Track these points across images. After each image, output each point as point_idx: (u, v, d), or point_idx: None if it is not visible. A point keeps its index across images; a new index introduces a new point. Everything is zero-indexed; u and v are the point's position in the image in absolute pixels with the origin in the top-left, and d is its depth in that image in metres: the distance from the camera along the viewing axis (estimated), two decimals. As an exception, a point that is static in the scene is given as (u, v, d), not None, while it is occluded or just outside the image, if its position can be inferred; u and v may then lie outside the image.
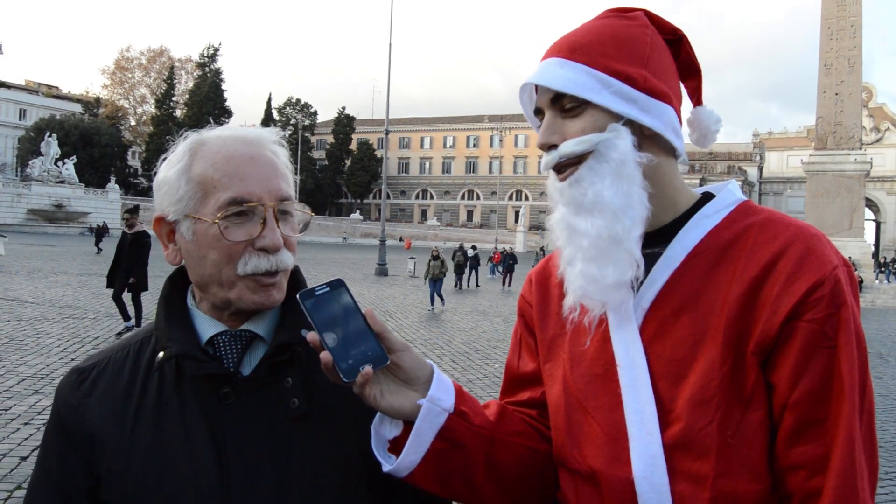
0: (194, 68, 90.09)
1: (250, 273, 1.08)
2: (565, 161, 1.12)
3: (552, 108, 1.14)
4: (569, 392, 1.18)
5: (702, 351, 1.04)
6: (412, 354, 1.11)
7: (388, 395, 1.08)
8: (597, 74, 1.10)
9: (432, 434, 1.10)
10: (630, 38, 1.13)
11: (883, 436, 7.66)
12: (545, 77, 1.12)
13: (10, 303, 13.60)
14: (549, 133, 1.13)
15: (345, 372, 1.02)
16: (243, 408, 1.09)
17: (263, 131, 1.19)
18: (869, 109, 72.16)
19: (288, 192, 1.12)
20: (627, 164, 1.08)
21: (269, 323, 1.16)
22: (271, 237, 1.08)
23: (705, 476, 1.01)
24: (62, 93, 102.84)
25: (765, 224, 1.08)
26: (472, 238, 71.63)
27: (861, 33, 29.73)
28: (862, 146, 31.27)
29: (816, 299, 0.99)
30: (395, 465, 1.10)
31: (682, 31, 1.19)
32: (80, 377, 1.15)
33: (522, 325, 1.36)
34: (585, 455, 1.13)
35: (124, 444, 1.08)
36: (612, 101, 1.09)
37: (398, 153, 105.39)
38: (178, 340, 1.10)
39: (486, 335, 13.73)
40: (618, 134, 1.09)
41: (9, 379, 7.77)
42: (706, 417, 1.02)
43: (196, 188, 1.10)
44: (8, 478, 4.98)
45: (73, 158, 61.45)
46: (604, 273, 1.09)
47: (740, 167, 79.44)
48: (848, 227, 29.45)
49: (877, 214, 76.91)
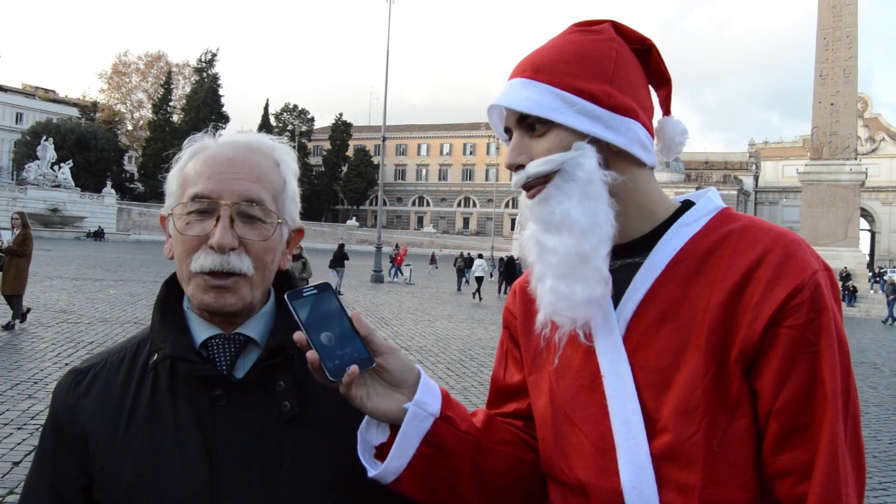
0: (192, 73, 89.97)
1: (198, 270, 1.09)
2: (532, 181, 1.14)
3: (519, 128, 1.15)
4: (555, 404, 1.18)
5: (685, 360, 1.04)
6: (398, 357, 1.11)
7: (375, 398, 1.08)
8: (560, 94, 1.10)
9: (418, 439, 1.10)
10: (594, 54, 1.13)
11: (877, 445, 7.67)
12: (509, 99, 1.14)
13: (4, 307, 13.56)
14: (515, 154, 1.15)
15: (331, 371, 1.03)
16: (235, 410, 1.10)
17: (260, 137, 1.20)
18: (864, 120, 72.52)
19: (255, 195, 1.12)
20: (594, 182, 1.09)
21: (262, 327, 1.17)
22: (219, 235, 1.08)
23: (693, 486, 1.01)
24: (59, 97, 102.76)
25: (744, 231, 1.09)
26: (469, 245, 71.69)
27: (856, 44, 29.91)
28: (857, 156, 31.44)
29: (797, 305, 0.99)
30: (381, 470, 1.10)
31: (650, 40, 1.19)
32: (77, 378, 1.17)
33: (507, 337, 1.36)
34: (573, 466, 1.13)
35: (117, 445, 1.09)
36: (576, 119, 1.10)
37: (395, 160, 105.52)
38: (172, 342, 1.12)
39: (482, 342, 13.72)
40: (583, 153, 1.09)
41: (2, 383, 7.73)
42: (692, 427, 1.02)
43: (179, 186, 1.15)
44: (1, 483, 4.96)
45: (70, 162, 61.33)
46: (573, 290, 1.09)
47: (736, 176, 79.64)
48: (843, 237, 29.56)
49: (872, 224, 77.20)
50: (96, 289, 18.58)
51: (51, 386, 7.72)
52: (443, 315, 18.54)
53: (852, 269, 28.67)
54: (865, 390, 10.98)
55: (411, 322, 16.64)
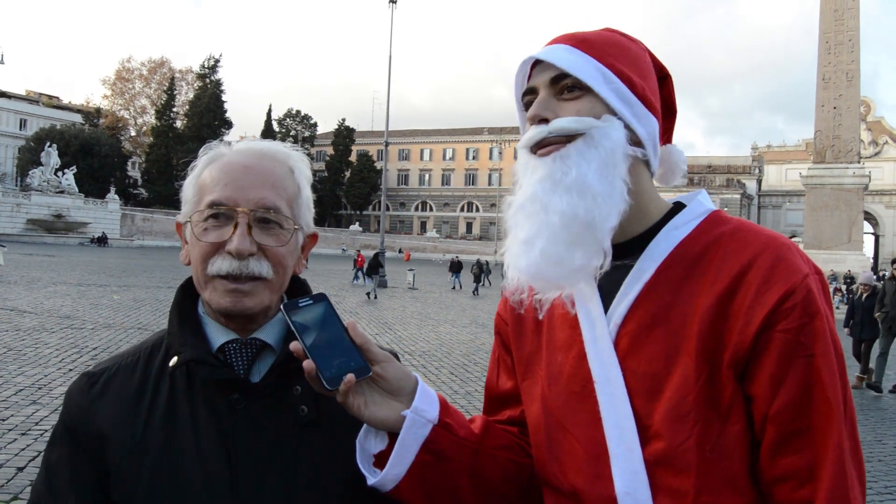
0: (195, 79, 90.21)
1: (215, 274, 1.11)
2: (552, 138, 1.11)
3: (550, 88, 1.13)
4: (548, 410, 1.17)
5: (676, 365, 1.04)
6: (395, 366, 1.12)
7: (373, 406, 1.08)
8: (601, 68, 1.11)
9: (416, 446, 1.10)
10: (634, 51, 1.16)
11: (882, 449, 7.64)
12: (553, 56, 1.13)
13: (9, 313, 13.58)
14: (542, 108, 1.13)
15: (328, 380, 1.04)
16: (253, 414, 1.12)
17: (275, 145, 1.22)
18: (867, 123, 72.46)
19: (272, 202, 1.13)
20: (617, 154, 1.08)
21: (277, 332, 1.19)
22: (237, 242, 1.09)
23: (687, 492, 1.01)
24: (63, 103, 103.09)
25: (734, 234, 1.08)
26: (472, 250, 71.65)
27: (859, 48, 29.88)
28: (860, 160, 31.40)
29: (788, 308, 0.99)
30: (380, 477, 1.09)
31: (668, 70, 1.22)
32: (91, 381, 1.17)
33: (500, 344, 1.36)
34: (567, 473, 1.13)
35: (135, 448, 1.10)
36: (611, 95, 1.11)
37: (398, 165, 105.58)
38: (191, 346, 1.13)
39: (486, 347, 13.69)
40: (612, 125, 1.10)
41: (6, 389, 7.75)
42: (684, 433, 1.02)
43: (196, 193, 1.16)
44: (5, 488, 4.96)
45: (73, 169, 61.66)
46: (571, 255, 1.07)
47: (739, 180, 79.60)
48: (847, 241, 29.51)
49: (875, 228, 77.03)
50: (100, 294, 18.61)
51: (55, 391, 7.73)
52: (446, 320, 18.53)
53: (856, 273, 28.55)
54: (869, 393, 10.94)
55: (415, 327, 16.62)
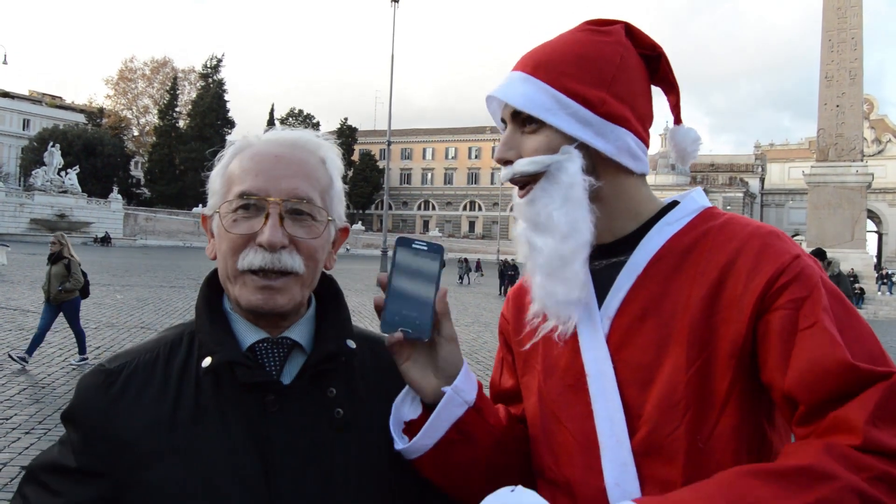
0: (197, 79, 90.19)
1: (246, 268, 1.06)
2: (520, 178, 1.16)
3: (513, 122, 1.17)
4: (543, 403, 1.20)
5: (667, 355, 1.05)
6: (454, 348, 1.14)
7: (415, 368, 1.12)
8: (555, 94, 1.12)
9: (449, 423, 1.12)
10: (597, 57, 1.14)
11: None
12: (506, 93, 1.16)
13: (13, 312, 13.61)
14: (505, 149, 1.18)
15: (384, 323, 1.07)
16: (287, 416, 1.07)
17: (305, 133, 1.18)
18: (870, 121, 72.22)
19: (304, 192, 1.09)
20: (575, 187, 1.10)
21: (307, 331, 1.16)
22: (269, 233, 1.05)
23: (675, 482, 1.02)
24: (66, 103, 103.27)
25: (722, 227, 1.10)
26: (475, 249, 71.64)
27: (862, 45, 29.79)
28: (863, 158, 31.30)
29: (780, 287, 0.99)
30: (409, 445, 1.12)
31: (661, 47, 1.20)
32: (109, 379, 1.08)
33: (503, 344, 1.39)
34: (560, 465, 1.15)
35: (162, 452, 1.03)
36: (567, 122, 1.12)
37: (400, 164, 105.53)
38: (227, 346, 1.08)
39: (488, 346, 13.69)
40: (569, 157, 1.11)
41: (10, 388, 7.78)
42: (673, 422, 1.03)
43: (224, 184, 1.12)
44: (8, 487, 4.97)
45: (76, 168, 61.67)
46: (554, 290, 1.12)
47: (742, 178, 79.44)
48: (850, 239, 29.42)
49: (879, 226, 76.81)
50: (103, 294, 18.65)
51: (59, 391, 7.75)
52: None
53: (860, 271, 28.49)
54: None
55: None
